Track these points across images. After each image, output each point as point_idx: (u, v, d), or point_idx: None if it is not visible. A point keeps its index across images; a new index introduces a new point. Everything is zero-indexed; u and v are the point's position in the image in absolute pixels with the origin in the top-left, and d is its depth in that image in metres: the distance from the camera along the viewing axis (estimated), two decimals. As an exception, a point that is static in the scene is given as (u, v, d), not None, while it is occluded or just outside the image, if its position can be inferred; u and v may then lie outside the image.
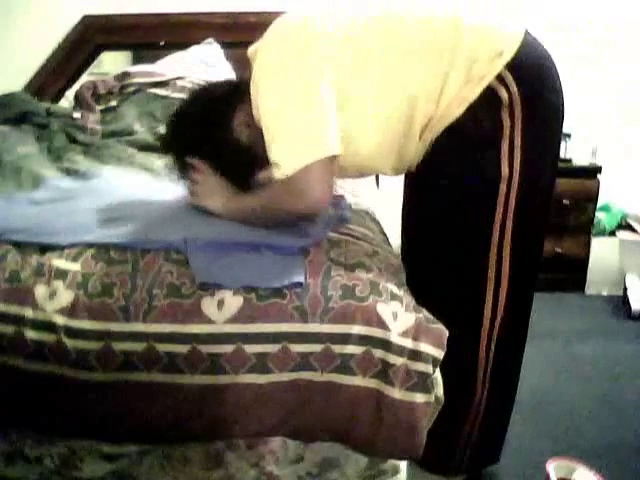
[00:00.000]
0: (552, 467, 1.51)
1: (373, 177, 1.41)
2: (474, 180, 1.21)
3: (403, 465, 1.23)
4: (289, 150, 1.13)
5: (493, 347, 1.33)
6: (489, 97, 1.16)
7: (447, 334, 1.11)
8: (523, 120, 1.17)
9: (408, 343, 1.07)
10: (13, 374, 1.06)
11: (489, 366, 1.34)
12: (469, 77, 1.16)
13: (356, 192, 1.61)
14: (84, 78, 2.65)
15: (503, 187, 1.21)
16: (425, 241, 1.35)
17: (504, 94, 1.16)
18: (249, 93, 1.23)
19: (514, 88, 1.16)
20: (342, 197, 1.47)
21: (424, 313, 1.12)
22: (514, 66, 1.16)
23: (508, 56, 1.16)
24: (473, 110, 1.16)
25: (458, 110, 1.16)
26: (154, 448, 1.16)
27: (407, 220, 1.45)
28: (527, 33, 1.21)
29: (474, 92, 1.16)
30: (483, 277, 1.27)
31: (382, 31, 1.21)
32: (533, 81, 1.19)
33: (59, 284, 1.08)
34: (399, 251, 1.44)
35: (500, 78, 1.16)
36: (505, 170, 1.19)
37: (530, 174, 1.21)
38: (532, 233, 1.31)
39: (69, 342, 1.04)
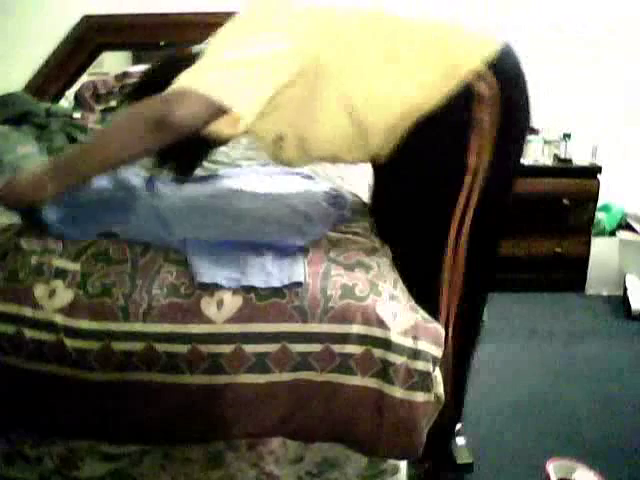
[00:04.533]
0: (552, 467, 1.51)
1: (371, 171, 1.41)
2: (441, 167, 1.23)
3: (403, 465, 1.24)
4: (196, 75, 1.12)
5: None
6: (466, 91, 1.18)
7: (443, 333, 1.11)
8: (500, 119, 1.20)
9: (408, 342, 1.07)
10: (13, 374, 1.06)
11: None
12: (447, 72, 1.18)
13: (353, 183, 1.65)
14: (84, 78, 2.66)
15: (468, 179, 1.23)
16: (390, 224, 1.36)
17: (484, 91, 1.17)
18: None
19: (495, 88, 1.18)
20: (342, 197, 1.47)
21: (421, 312, 1.12)
22: (496, 67, 1.18)
23: (487, 53, 1.19)
24: (448, 102, 1.18)
25: (433, 102, 1.18)
26: (154, 448, 1.16)
27: (374, 204, 1.46)
28: (507, 43, 1.24)
29: (450, 85, 1.17)
30: (439, 270, 1.29)
31: (364, 33, 1.21)
32: (513, 85, 1.23)
33: (59, 283, 1.09)
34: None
35: (480, 75, 1.17)
36: (472, 162, 1.21)
37: (497, 171, 1.24)
38: (490, 230, 1.35)
39: (69, 342, 1.04)
